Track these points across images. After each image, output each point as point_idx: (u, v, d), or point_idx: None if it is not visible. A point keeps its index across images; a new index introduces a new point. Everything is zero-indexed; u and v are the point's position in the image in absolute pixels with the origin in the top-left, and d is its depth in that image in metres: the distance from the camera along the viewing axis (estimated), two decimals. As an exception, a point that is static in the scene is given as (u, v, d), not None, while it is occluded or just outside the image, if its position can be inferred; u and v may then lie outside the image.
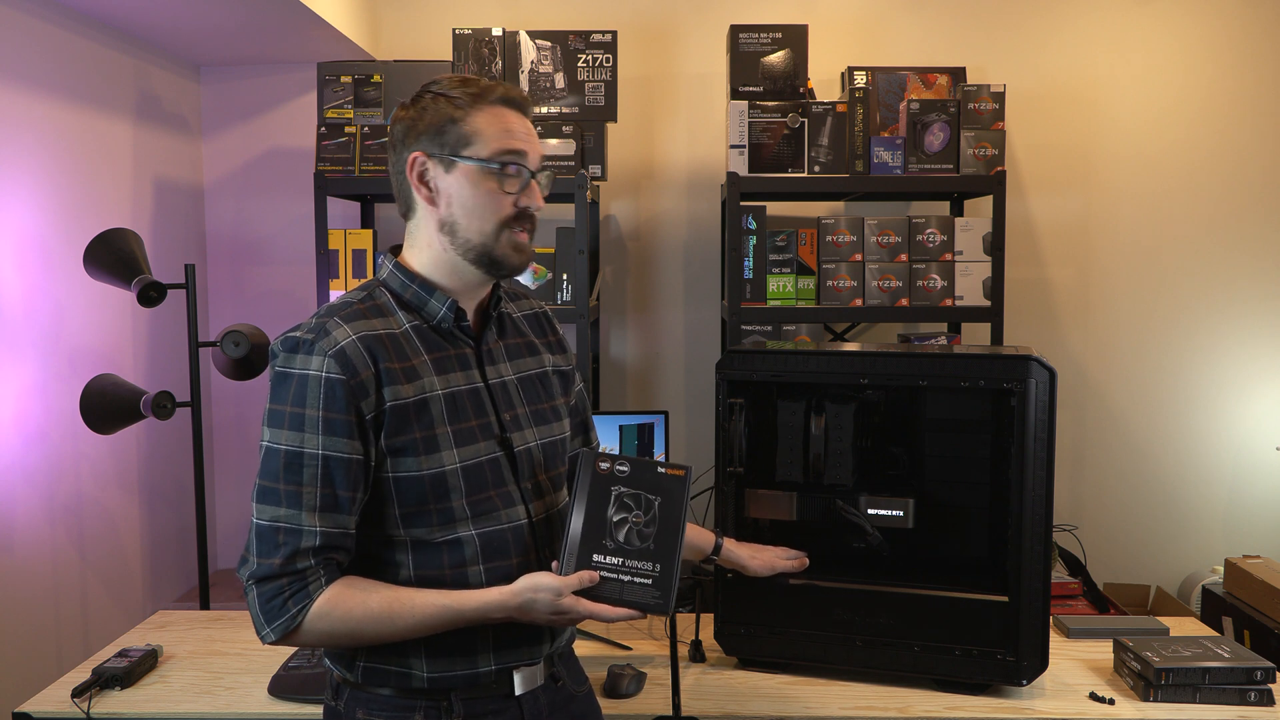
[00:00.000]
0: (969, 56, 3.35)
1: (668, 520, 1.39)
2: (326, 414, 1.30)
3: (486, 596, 1.34)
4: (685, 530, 1.41)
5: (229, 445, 3.55)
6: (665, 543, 1.38)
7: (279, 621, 1.30)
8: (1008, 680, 1.87)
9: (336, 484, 1.31)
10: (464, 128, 1.38)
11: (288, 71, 3.48)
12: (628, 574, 1.37)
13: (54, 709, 1.81)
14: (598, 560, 1.37)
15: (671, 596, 1.36)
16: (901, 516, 1.99)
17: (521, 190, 1.40)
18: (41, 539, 2.65)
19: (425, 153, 1.39)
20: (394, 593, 1.34)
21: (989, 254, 2.93)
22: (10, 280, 2.55)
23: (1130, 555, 3.46)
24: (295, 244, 3.50)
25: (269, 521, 1.31)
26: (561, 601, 1.32)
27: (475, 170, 1.38)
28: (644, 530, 1.39)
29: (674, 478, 1.42)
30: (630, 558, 1.37)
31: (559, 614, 1.34)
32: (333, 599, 1.31)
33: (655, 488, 1.41)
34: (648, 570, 1.37)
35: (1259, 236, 3.41)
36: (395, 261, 1.44)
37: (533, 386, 1.51)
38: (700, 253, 3.49)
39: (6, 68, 2.54)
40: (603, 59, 3.05)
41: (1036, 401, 1.84)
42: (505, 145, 1.38)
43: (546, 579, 1.33)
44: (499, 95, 1.40)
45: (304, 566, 1.30)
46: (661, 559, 1.38)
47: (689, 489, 1.42)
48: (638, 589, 1.36)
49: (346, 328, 1.34)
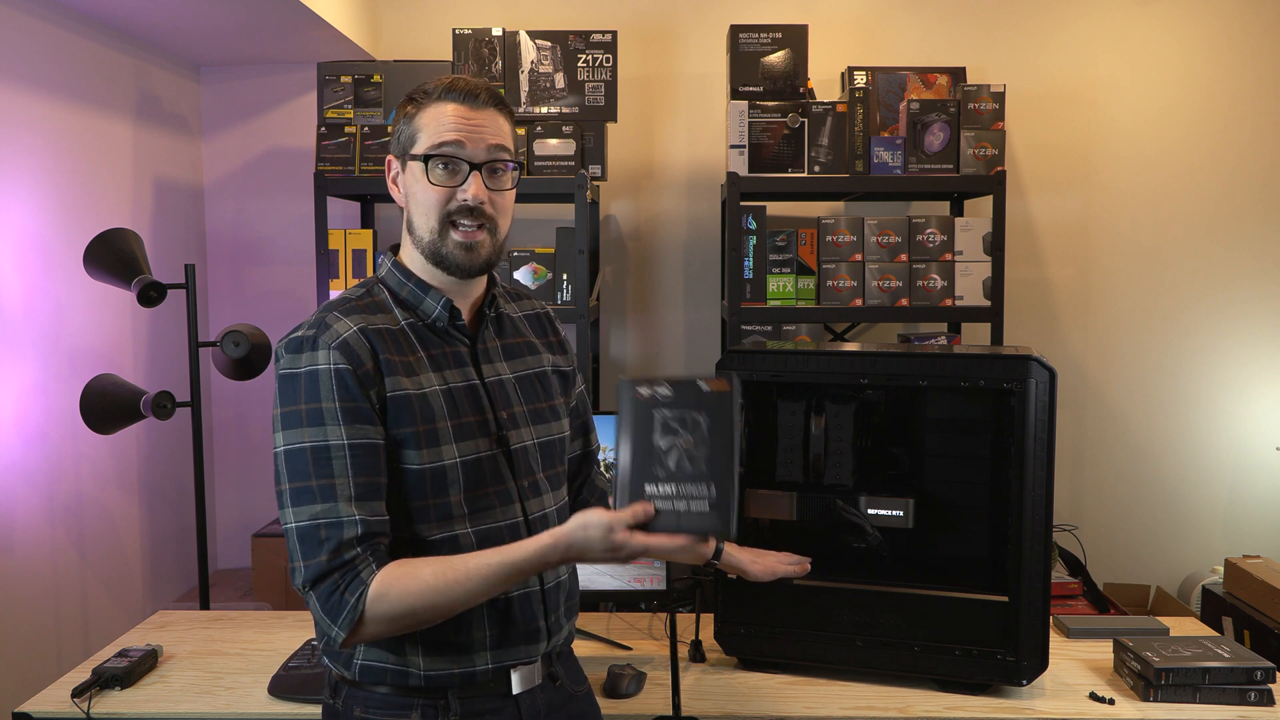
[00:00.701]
0: (969, 56, 3.35)
1: (718, 439, 1.31)
2: (344, 404, 1.31)
3: (539, 541, 1.30)
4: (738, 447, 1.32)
5: (229, 445, 3.55)
6: (718, 463, 1.30)
7: (342, 616, 1.28)
8: (1008, 680, 1.87)
9: (366, 470, 1.31)
10: (414, 125, 1.41)
11: (288, 71, 3.48)
12: (683, 500, 1.30)
13: (54, 709, 1.81)
14: (650, 491, 1.31)
15: (733, 518, 1.29)
16: (901, 516, 1.99)
17: (463, 183, 1.39)
18: (41, 539, 2.65)
19: (394, 155, 1.44)
20: (443, 562, 1.31)
21: (989, 254, 2.93)
22: (10, 280, 2.55)
23: (1130, 555, 3.46)
24: (295, 244, 3.50)
25: (308, 521, 1.29)
26: (615, 537, 1.27)
27: (417, 167, 1.40)
28: (694, 453, 1.31)
29: (719, 394, 1.32)
30: (684, 482, 1.30)
31: (613, 550, 1.28)
32: (387, 580, 1.29)
33: (700, 407, 1.32)
34: (703, 494, 1.30)
35: (1259, 236, 3.41)
36: (394, 260, 1.46)
37: (531, 386, 1.51)
38: (700, 253, 3.49)
39: (6, 68, 2.54)
40: (603, 59, 3.05)
41: (1036, 401, 1.84)
42: (438, 138, 1.39)
43: (596, 515, 1.28)
44: (444, 88, 1.40)
45: (351, 556, 1.29)
46: (717, 479, 1.30)
47: (737, 401, 1.33)
48: (694, 516, 1.29)
49: (347, 320, 1.35)
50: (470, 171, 1.39)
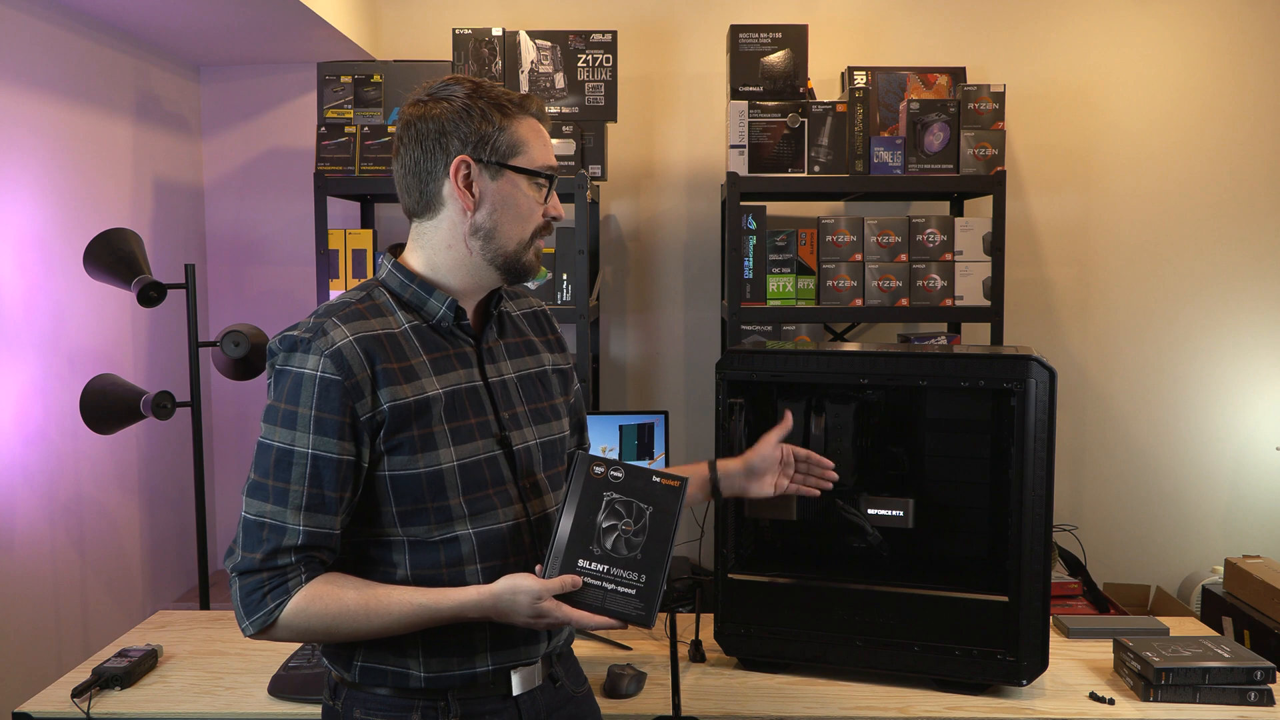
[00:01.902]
0: (969, 56, 3.35)
1: (657, 531, 1.36)
2: (319, 413, 1.31)
3: (464, 595, 1.33)
4: (674, 544, 1.37)
5: (229, 445, 3.55)
6: (653, 553, 1.35)
7: (257, 615, 1.31)
8: (1008, 680, 1.87)
9: (324, 484, 1.32)
10: (511, 137, 1.40)
11: (288, 71, 3.48)
12: (611, 582, 1.34)
13: (54, 709, 1.81)
14: (582, 565, 1.34)
15: (654, 609, 1.33)
16: (901, 516, 1.99)
17: (546, 201, 1.44)
18: (41, 539, 2.65)
19: (472, 157, 1.38)
20: (371, 590, 1.33)
21: (989, 254, 2.93)
22: (10, 280, 2.55)
23: (1130, 555, 3.46)
24: (295, 244, 3.50)
25: (255, 516, 1.32)
26: (541, 605, 1.31)
27: (524, 180, 1.41)
28: (632, 539, 1.36)
29: (668, 488, 1.39)
30: (616, 566, 1.35)
31: (538, 617, 1.32)
32: (310, 596, 1.31)
33: (648, 497, 1.38)
34: (633, 580, 1.34)
35: (1259, 236, 3.41)
36: (394, 261, 1.44)
37: (532, 385, 1.51)
38: (700, 253, 3.49)
39: (6, 68, 2.54)
40: (603, 59, 3.05)
41: (1036, 401, 1.84)
42: (547, 159, 1.43)
43: (527, 581, 1.32)
44: (536, 108, 1.44)
45: (285, 563, 1.31)
46: (648, 570, 1.35)
47: (683, 501, 1.39)
48: (620, 598, 1.34)
49: (344, 328, 1.34)
50: (551, 189, 1.45)
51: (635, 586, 1.34)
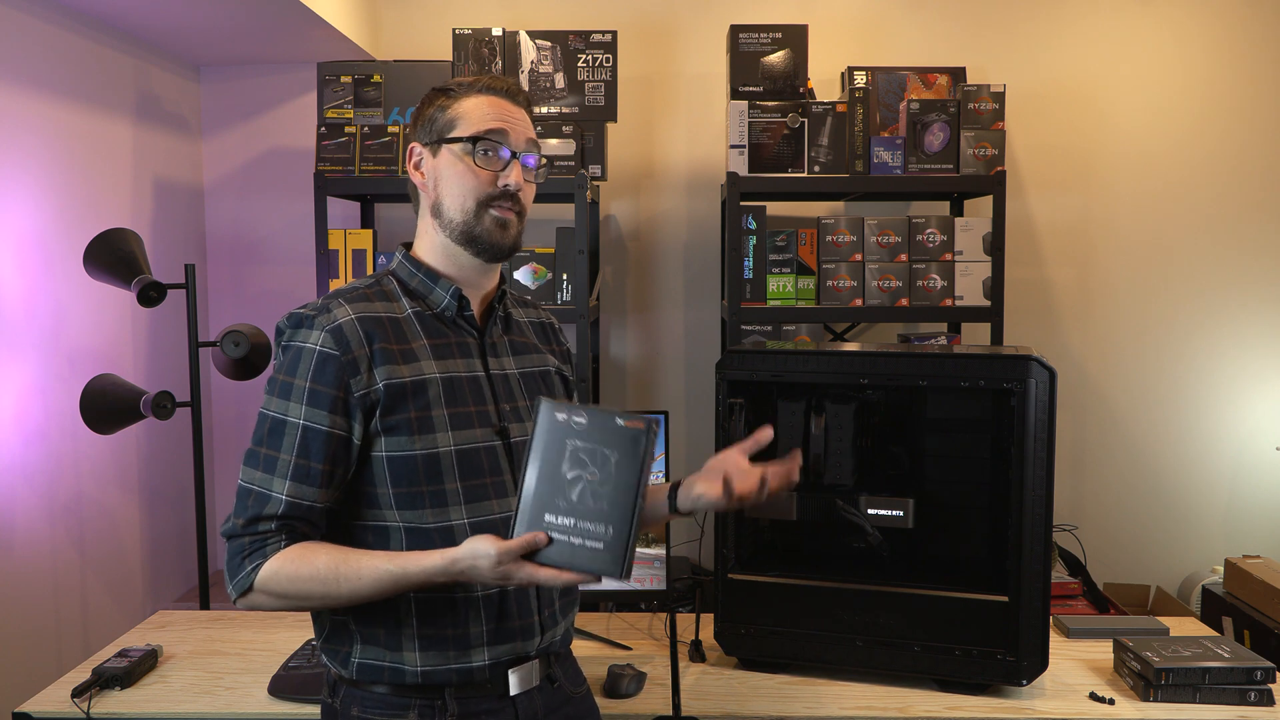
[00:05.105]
0: (969, 56, 3.35)
1: (622, 478, 1.26)
2: (313, 385, 1.34)
3: (429, 560, 1.30)
4: (644, 489, 1.26)
5: (229, 445, 3.55)
6: (620, 503, 1.25)
7: (237, 579, 1.34)
8: (1008, 680, 1.87)
9: (311, 455, 1.34)
10: (451, 114, 1.44)
11: (288, 71, 3.48)
12: (579, 536, 1.25)
13: (54, 709, 1.81)
14: (549, 520, 1.26)
15: (624, 561, 1.24)
16: (901, 516, 1.99)
17: (504, 169, 1.44)
18: (41, 539, 2.65)
19: (420, 142, 1.47)
20: (342, 554, 1.33)
21: (989, 254, 2.93)
22: (10, 280, 2.55)
23: (1130, 555, 3.46)
24: (295, 244, 3.50)
25: (245, 483, 1.37)
26: (502, 568, 1.26)
27: (457, 150, 1.43)
28: (598, 489, 1.26)
29: (633, 431, 1.27)
30: (582, 518, 1.25)
31: (502, 578, 1.28)
32: (285, 558, 1.33)
33: (612, 442, 1.27)
34: (600, 533, 1.25)
35: (1259, 236, 3.41)
36: (406, 253, 1.49)
37: (535, 382, 1.52)
38: (700, 253, 3.49)
39: (6, 68, 2.54)
40: (603, 59, 3.05)
41: (1036, 401, 1.84)
42: (485, 125, 1.43)
43: (484, 544, 1.26)
44: (485, 83, 1.46)
45: (264, 530, 1.34)
46: (615, 521, 1.25)
47: (651, 444, 1.27)
48: (588, 553, 1.25)
49: (348, 307, 1.39)
50: (511, 159, 1.44)
51: (602, 539, 1.25)
